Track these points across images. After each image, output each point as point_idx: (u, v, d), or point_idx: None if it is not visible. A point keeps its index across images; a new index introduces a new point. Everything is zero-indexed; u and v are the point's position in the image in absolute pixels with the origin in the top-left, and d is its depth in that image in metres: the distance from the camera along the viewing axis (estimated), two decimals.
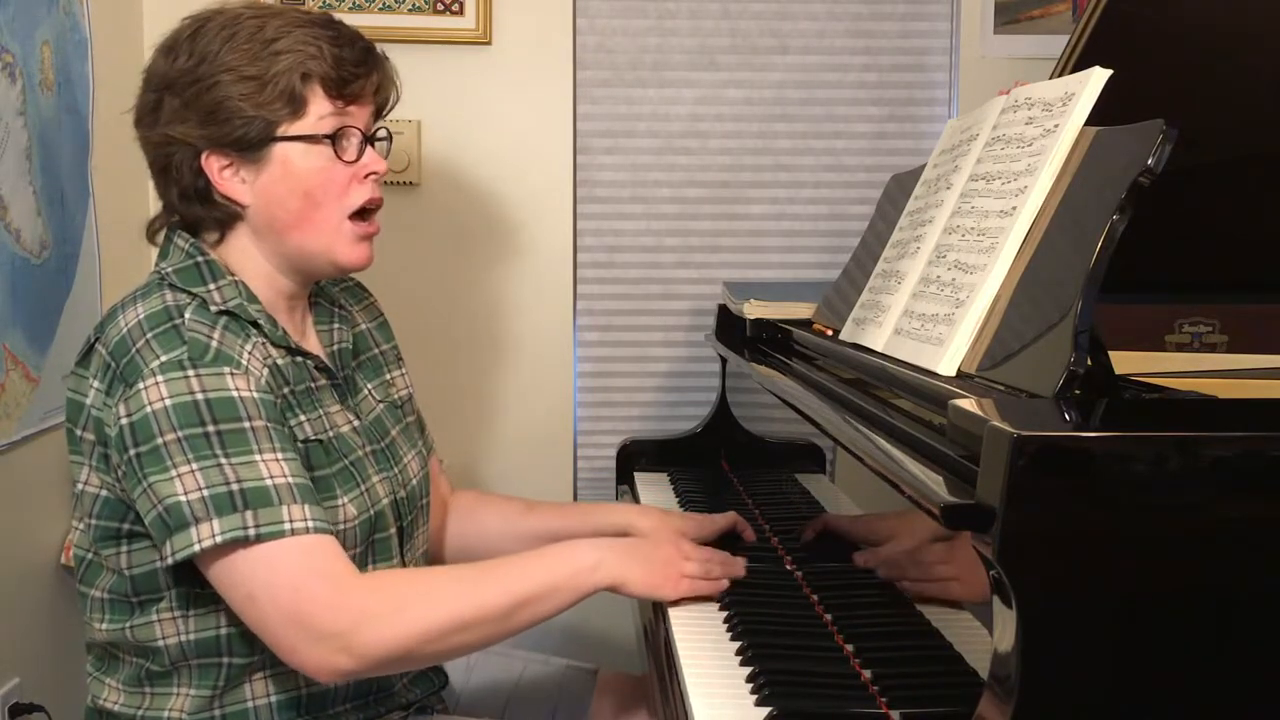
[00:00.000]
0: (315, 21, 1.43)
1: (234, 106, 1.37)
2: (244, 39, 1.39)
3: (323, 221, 1.42)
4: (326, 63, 1.40)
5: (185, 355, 1.30)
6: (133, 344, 1.32)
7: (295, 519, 1.27)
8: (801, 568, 1.57)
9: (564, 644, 2.29)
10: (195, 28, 1.42)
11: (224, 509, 1.25)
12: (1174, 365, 1.33)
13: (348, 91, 1.42)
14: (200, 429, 1.28)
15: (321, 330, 1.53)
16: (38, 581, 1.97)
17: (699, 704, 1.17)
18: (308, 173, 1.41)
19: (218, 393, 1.29)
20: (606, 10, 2.45)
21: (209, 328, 1.34)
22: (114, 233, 2.16)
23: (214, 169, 1.40)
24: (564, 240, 2.45)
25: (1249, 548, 0.86)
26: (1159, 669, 0.86)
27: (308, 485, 1.31)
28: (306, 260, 1.45)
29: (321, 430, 1.42)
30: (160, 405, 1.28)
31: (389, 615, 1.28)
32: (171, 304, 1.35)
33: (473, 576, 1.36)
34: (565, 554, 1.39)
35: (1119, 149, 1.10)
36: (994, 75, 2.36)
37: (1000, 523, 0.83)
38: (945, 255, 1.33)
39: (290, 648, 1.28)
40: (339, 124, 1.42)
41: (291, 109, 1.39)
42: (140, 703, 1.40)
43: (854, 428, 1.21)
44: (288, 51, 1.38)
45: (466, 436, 2.42)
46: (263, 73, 1.38)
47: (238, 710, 1.38)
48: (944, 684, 1.17)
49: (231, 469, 1.27)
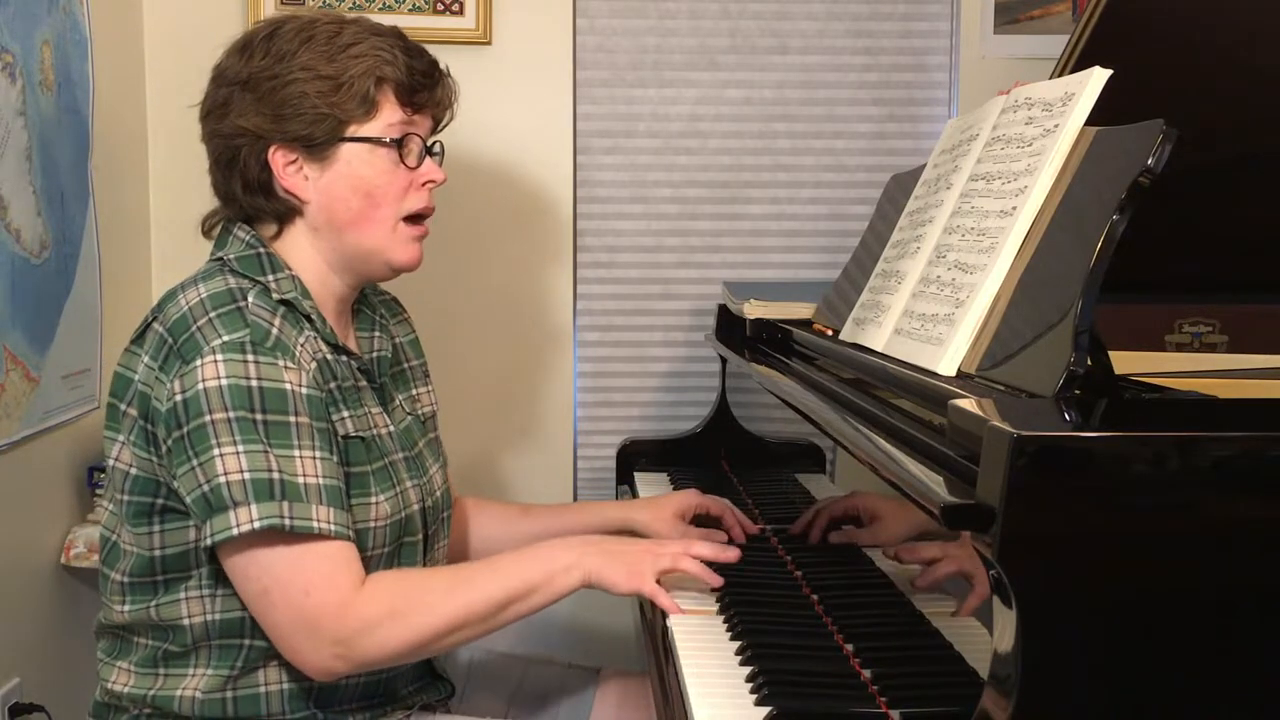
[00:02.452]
0: (388, 32, 1.47)
1: (308, 103, 1.41)
2: (322, 41, 1.43)
3: (380, 222, 1.46)
4: (400, 69, 1.44)
5: (248, 338, 1.33)
6: (193, 321, 1.34)
7: (321, 519, 1.30)
8: (801, 568, 1.57)
9: (566, 644, 2.29)
10: (271, 30, 1.46)
11: (263, 495, 1.28)
12: (1174, 365, 1.33)
13: (416, 99, 1.47)
14: (250, 414, 1.30)
15: (362, 337, 1.56)
16: (38, 581, 1.97)
17: (699, 704, 1.17)
18: (371, 174, 1.45)
19: (271, 383, 1.32)
20: (606, 10, 2.45)
21: (270, 314, 1.37)
22: (114, 233, 2.17)
23: (279, 163, 1.43)
24: (564, 240, 2.46)
25: (1249, 548, 0.86)
26: (1159, 669, 0.86)
27: (336, 488, 1.34)
28: (362, 259, 1.48)
29: (363, 428, 1.44)
30: (215, 384, 1.30)
31: (388, 624, 1.32)
32: (235, 287, 1.39)
33: (462, 580, 1.39)
34: (544, 555, 1.41)
35: (1119, 149, 1.10)
36: (994, 75, 2.36)
37: (1000, 523, 0.83)
38: (945, 255, 1.33)
39: (293, 646, 1.33)
40: (405, 130, 1.46)
41: (364, 110, 1.43)
42: (152, 684, 1.41)
43: (854, 428, 1.21)
44: (364, 56, 1.43)
45: (466, 436, 2.42)
46: (339, 73, 1.42)
47: (250, 695, 1.40)
48: (944, 684, 1.17)
49: (274, 458, 1.30)
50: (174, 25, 2.35)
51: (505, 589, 1.37)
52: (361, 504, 1.40)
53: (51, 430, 1.95)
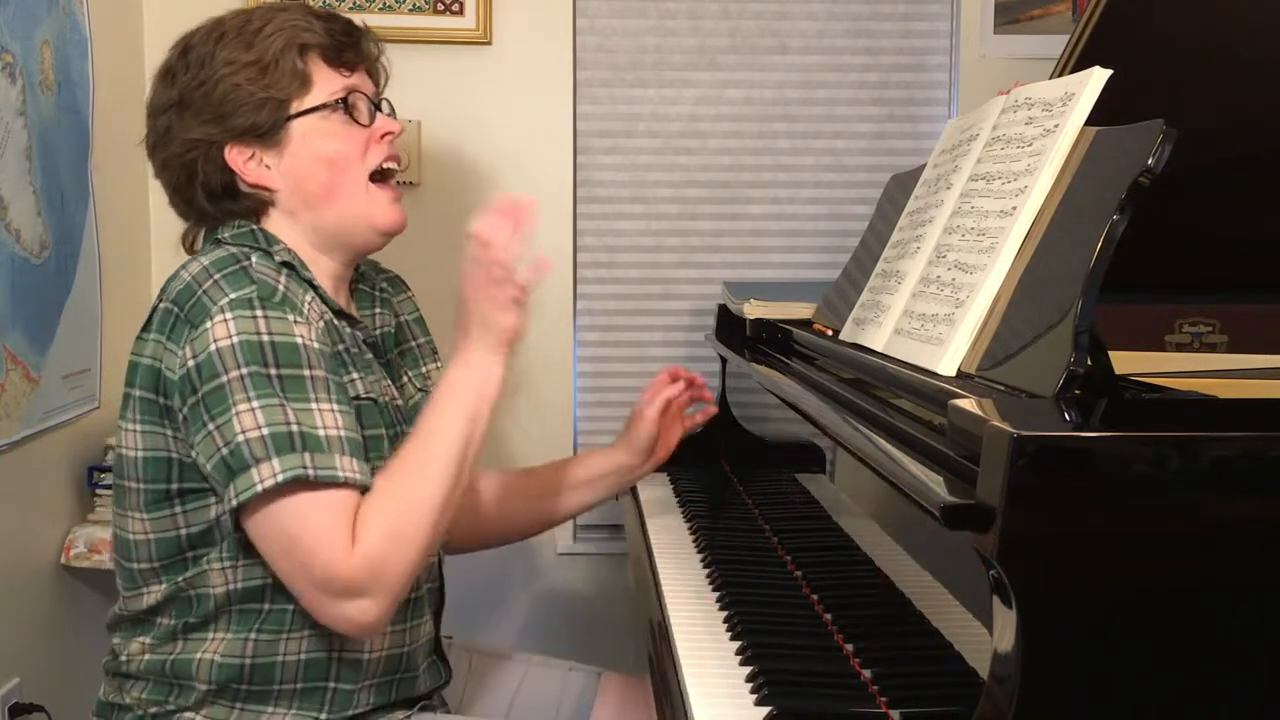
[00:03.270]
0: (294, 6, 1.48)
1: (244, 94, 1.41)
2: (233, 34, 1.43)
3: (351, 186, 1.45)
4: (318, 33, 1.44)
5: (255, 294, 1.32)
6: (199, 286, 1.34)
7: (345, 469, 1.29)
8: (801, 568, 1.57)
9: (567, 647, 2.29)
10: (184, 46, 1.46)
11: (283, 449, 1.27)
12: (1174, 365, 1.33)
13: (345, 58, 1.46)
14: (264, 369, 1.29)
15: (364, 315, 1.55)
16: (38, 581, 1.97)
17: (699, 704, 1.17)
18: (328, 141, 1.44)
19: (283, 336, 1.31)
20: (606, 10, 2.45)
21: (275, 272, 1.37)
22: (114, 233, 2.17)
23: (238, 161, 1.43)
24: (564, 240, 2.45)
25: (1249, 548, 0.86)
26: (1159, 669, 0.86)
27: (356, 439, 1.33)
28: (347, 231, 1.47)
29: (375, 393, 1.44)
30: (227, 343, 1.29)
31: (394, 547, 1.29)
32: (237, 251, 1.39)
33: (420, 461, 1.34)
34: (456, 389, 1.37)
35: (1119, 149, 1.10)
36: (994, 75, 2.36)
37: (1000, 523, 0.83)
38: (945, 255, 1.33)
39: (321, 606, 1.30)
40: (347, 89, 1.45)
41: (299, 84, 1.43)
42: (172, 649, 1.40)
43: (854, 428, 1.21)
44: (278, 31, 1.43)
45: None
46: (261, 56, 1.42)
47: (267, 663, 1.38)
48: (944, 684, 1.17)
49: (292, 411, 1.29)
50: (174, 25, 2.31)
51: (458, 436, 1.34)
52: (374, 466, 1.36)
53: (51, 430, 1.95)
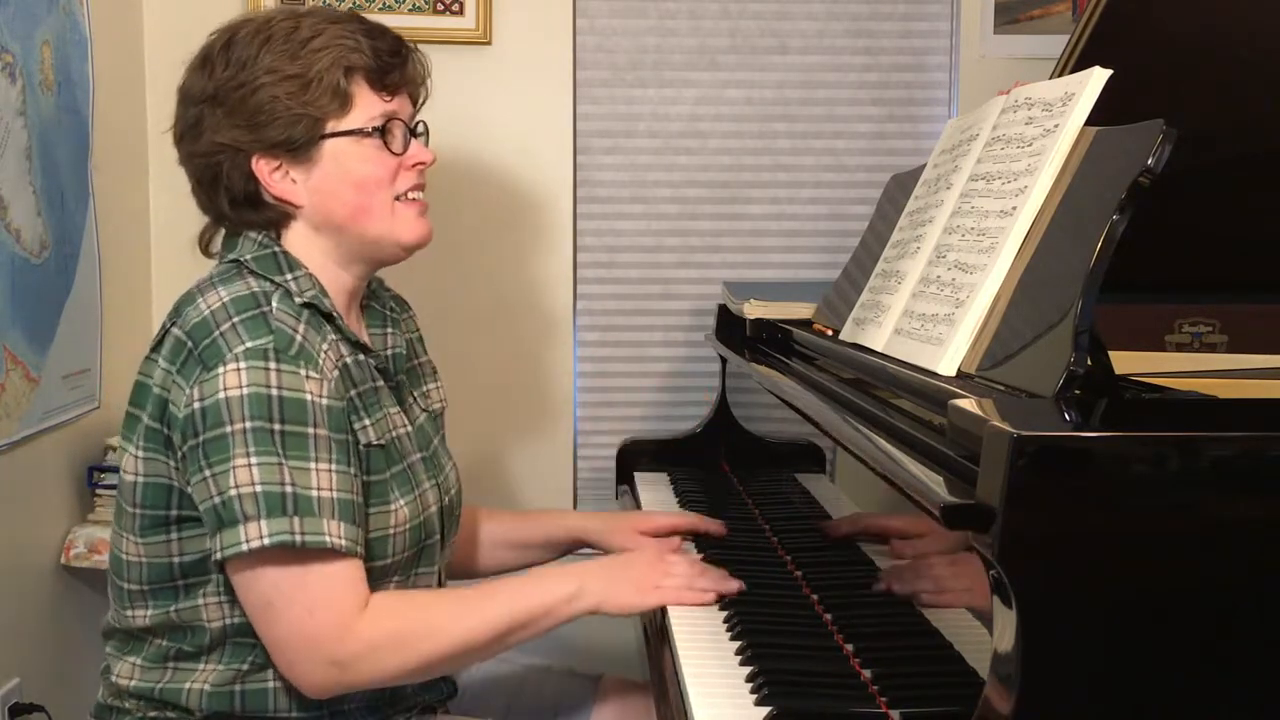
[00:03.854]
0: (346, 18, 1.44)
1: (280, 107, 1.38)
2: (280, 40, 1.39)
3: (377, 209, 1.44)
4: (366, 55, 1.41)
5: (271, 345, 1.30)
6: (216, 326, 1.32)
7: (334, 534, 1.28)
8: (801, 568, 1.57)
9: (566, 650, 2.28)
10: (227, 38, 1.42)
11: (275, 510, 1.26)
12: (1174, 365, 1.33)
13: (389, 82, 1.44)
14: (268, 424, 1.28)
15: (374, 334, 1.54)
16: (38, 581, 1.97)
17: (699, 703, 1.17)
18: (360, 166, 1.42)
19: (292, 392, 1.30)
20: (606, 10, 2.45)
21: (294, 319, 1.35)
22: (114, 233, 2.17)
23: (264, 172, 1.40)
24: (564, 240, 2.46)
25: (1249, 548, 0.86)
26: (1159, 669, 0.86)
27: (351, 503, 1.32)
28: (371, 247, 1.46)
29: (384, 433, 1.43)
30: (236, 393, 1.28)
31: (389, 649, 1.32)
32: (258, 290, 1.36)
33: (465, 607, 1.38)
34: (547, 584, 1.41)
35: (1119, 149, 1.10)
36: (994, 75, 2.36)
37: (1000, 523, 0.83)
38: (945, 255, 1.33)
39: (289, 661, 1.32)
40: (386, 116, 1.43)
41: (339, 104, 1.40)
42: (160, 677, 1.40)
43: (854, 428, 1.21)
44: (326, 48, 1.39)
45: (467, 437, 2.41)
46: (305, 70, 1.38)
47: (258, 690, 1.38)
48: (944, 684, 1.17)
49: (289, 471, 1.28)
50: (174, 25, 2.35)
51: (510, 617, 1.36)
52: (381, 512, 1.39)
53: (51, 430, 1.95)
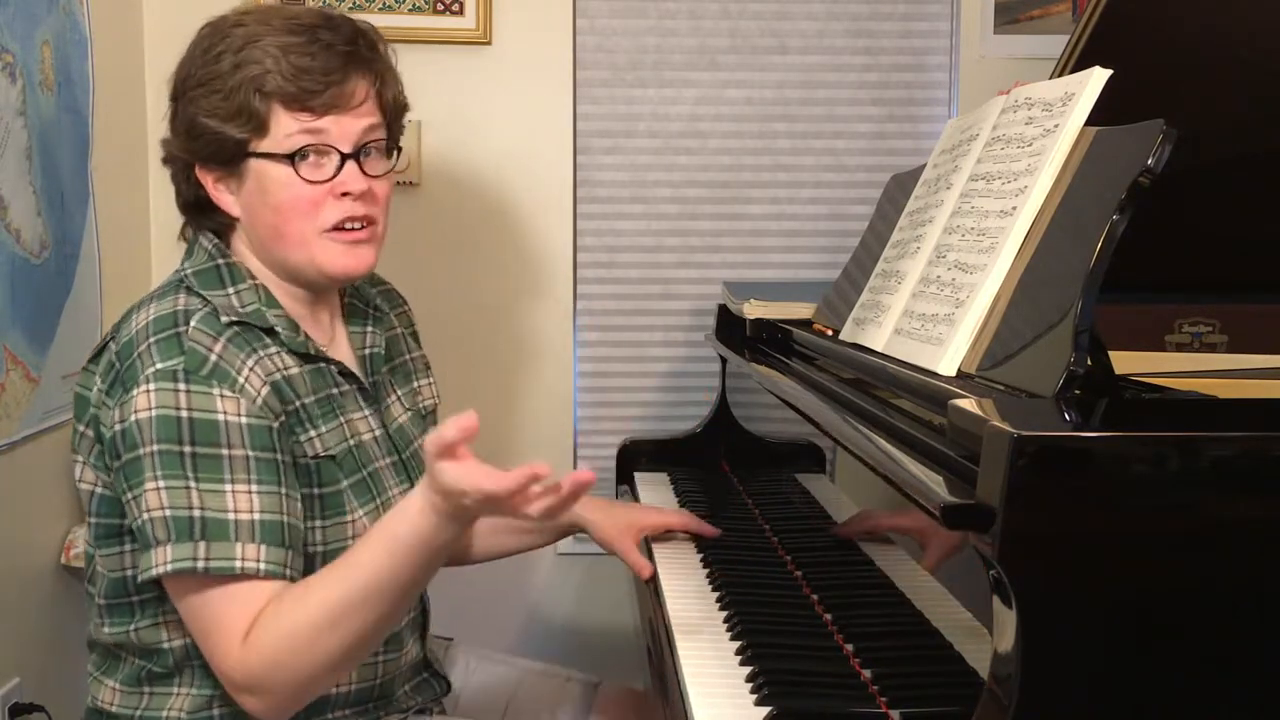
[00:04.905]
0: (295, 28, 1.35)
1: (205, 124, 1.36)
2: (220, 50, 1.35)
3: (294, 236, 1.37)
4: (283, 76, 1.33)
5: (180, 366, 1.28)
6: (136, 347, 1.31)
7: (248, 558, 1.24)
8: (801, 568, 1.57)
9: (565, 656, 2.29)
10: (197, 36, 1.41)
11: (181, 535, 1.24)
12: (1174, 365, 1.33)
13: (314, 105, 1.34)
14: (177, 446, 1.26)
15: (354, 333, 1.52)
16: (38, 581, 1.97)
17: (699, 703, 1.17)
18: (275, 190, 1.36)
19: (202, 413, 1.27)
20: (606, 10, 2.45)
21: (212, 339, 1.31)
22: (114, 233, 2.16)
23: (208, 181, 1.40)
24: (564, 240, 2.45)
25: (1249, 547, 0.86)
26: (1159, 669, 0.86)
27: (278, 523, 1.27)
28: (297, 271, 1.41)
29: (339, 441, 1.39)
30: (146, 415, 1.26)
31: (292, 653, 1.23)
32: (181, 309, 1.33)
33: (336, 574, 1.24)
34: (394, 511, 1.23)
35: (1119, 149, 1.10)
36: (994, 75, 2.36)
37: (1000, 523, 0.83)
38: (945, 255, 1.33)
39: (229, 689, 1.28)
40: (307, 141, 1.35)
41: (253, 125, 1.34)
42: (139, 703, 1.39)
43: (854, 428, 1.21)
44: (247, 64, 1.33)
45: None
46: (224, 87, 1.34)
47: (235, 711, 1.36)
48: (944, 684, 1.17)
49: (198, 494, 1.25)
50: (174, 25, 2.31)
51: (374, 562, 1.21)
52: (337, 523, 1.36)
53: (52, 430, 1.95)
